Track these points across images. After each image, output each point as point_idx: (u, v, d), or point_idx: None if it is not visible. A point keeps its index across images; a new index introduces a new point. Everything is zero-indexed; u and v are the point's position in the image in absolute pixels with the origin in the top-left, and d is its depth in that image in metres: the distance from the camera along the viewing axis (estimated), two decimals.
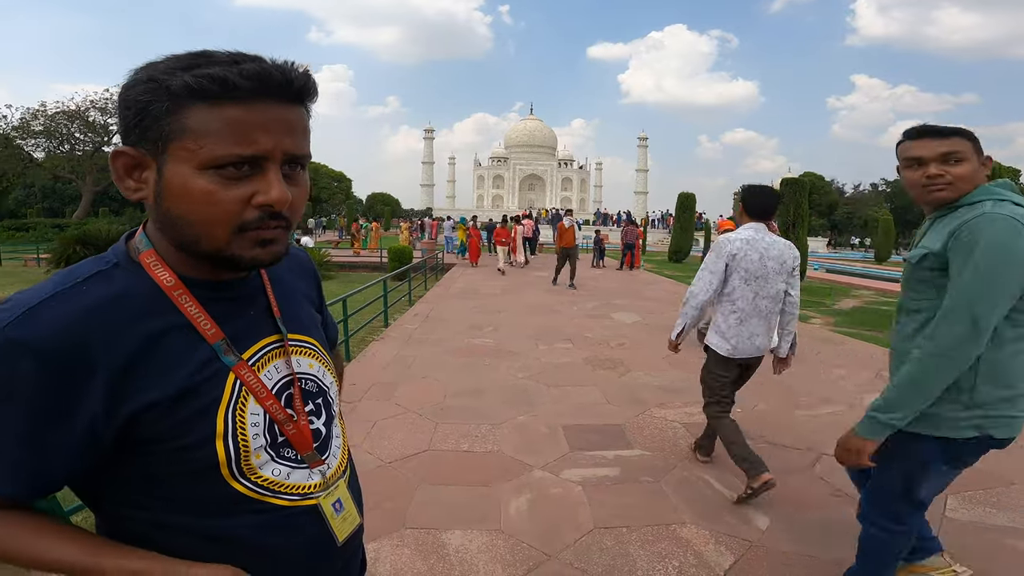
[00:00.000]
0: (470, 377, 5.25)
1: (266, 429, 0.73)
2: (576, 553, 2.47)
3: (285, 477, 0.75)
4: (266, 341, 0.77)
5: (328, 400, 0.84)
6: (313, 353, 0.84)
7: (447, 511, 2.81)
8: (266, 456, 0.73)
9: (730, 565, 2.41)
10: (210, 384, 0.69)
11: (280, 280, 0.83)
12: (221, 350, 0.70)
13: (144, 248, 0.70)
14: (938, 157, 1.63)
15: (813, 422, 4.22)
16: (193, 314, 0.69)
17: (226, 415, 0.69)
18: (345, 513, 0.82)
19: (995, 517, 2.84)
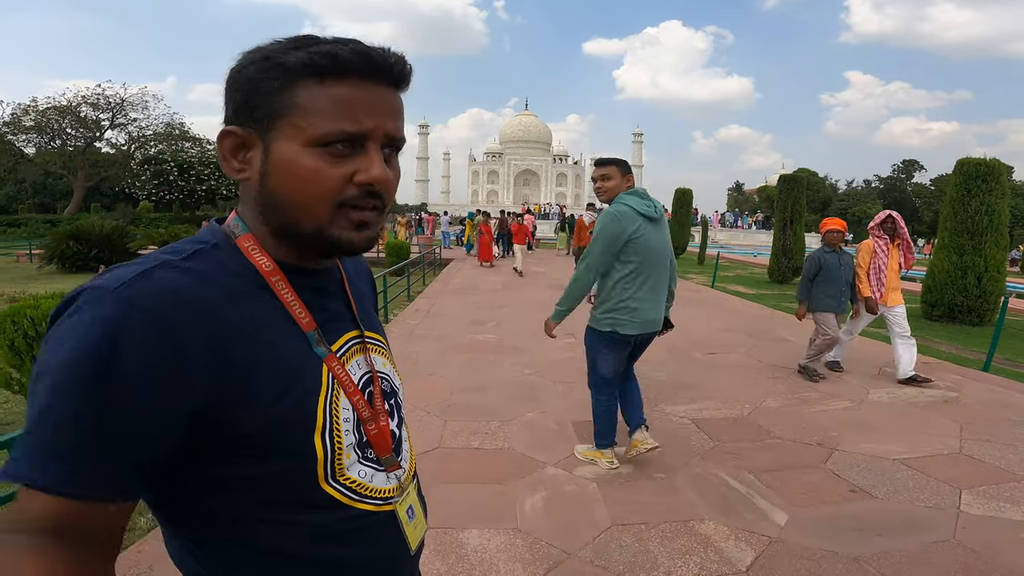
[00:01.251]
0: (475, 373, 5.21)
1: (355, 426, 0.71)
2: (596, 551, 2.44)
3: (369, 479, 0.72)
4: (348, 336, 0.75)
5: (399, 402, 0.82)
6: (385, 352, 0.83)
7: (463, 510, 2.77)
8: (354, 456, 0.70)
9: (752, 561, 2.38)
10: (308, 374, 0.66)
11: (350, 278, 0.82)
12: (313, 340, 0.68)
13: (241, 232, 0.68)
14: (599, 176, 3.13)
15: (823, 417, 4.20)
16: (289, 301, 0.67)
17: (325, 407, 0.67)
18: (416, 521, 0.80)
19: (1009, 511, 2.83)
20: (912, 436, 3.84)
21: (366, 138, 0.63)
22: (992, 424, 4.08)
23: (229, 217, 0.71)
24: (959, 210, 8.49)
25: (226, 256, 0.66)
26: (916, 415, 4.28)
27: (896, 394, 4.82)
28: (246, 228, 0.68)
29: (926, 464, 3.36)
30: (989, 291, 8.30)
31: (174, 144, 34.97)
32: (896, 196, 66.40)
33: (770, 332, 7.51)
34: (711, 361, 5.84)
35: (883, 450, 3.55)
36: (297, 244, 0.67)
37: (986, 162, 8.48)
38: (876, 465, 3.33)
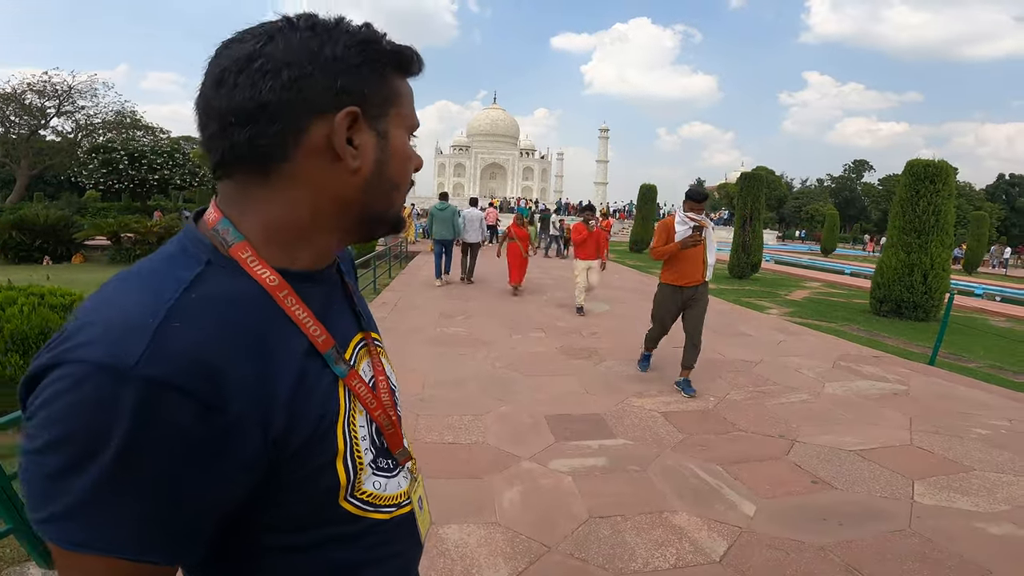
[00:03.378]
0: (447, 367, 5.21)
1: (371, 441, 0.68)
2: (575, 543, 2.49)
3: (382, 489, 0.70)
4: (355, 341, 0.71)
5: (396, 399, 0.79)
6: (384, 351, 0.79)
7: (440, 504, 2.78)
8: (369, 470, 0.67)
9: (724, 551, 2.47)
10: (328, 399, 0.61)
11: (346, 271, 0.77)
12: (332, 359, 0.62)
13: (234, 240, 0.58)
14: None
15: (783, 410, 4.37)
16: (302, 319, 0.60)
17: (344, 430, 0.62)
18: (424, 512, 0.80)
19: (959, 502, 3.01)
20: (866, 428, 4.04)
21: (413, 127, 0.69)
22: (939, 416, 4.33)
23: (210, 217, 0.60)
24: (907, 210, 8.90)
25: (227, 277, 0.57)
26: (869, 407, 4.50)
27: (849, 387, 5.06)
28: (239, 235, 0.59)
29: (880, 455, 3.54)
30: (935, 288, 8.75)
31: (125, 132, 33.48)
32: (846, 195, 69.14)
33: (731, 326, 7.75)
34: (677, 356, 5.98)
35: (840, 442, 3.73)
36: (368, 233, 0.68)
37: (934, 164, 8.90)
38: (834, 457, 3.50)
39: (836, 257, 30.72)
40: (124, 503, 0.48)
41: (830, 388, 5.01)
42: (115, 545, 0.48)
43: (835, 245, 32.28)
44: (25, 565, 2.25)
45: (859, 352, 6.53)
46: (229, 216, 0.59)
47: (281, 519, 0.60)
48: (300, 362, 0.59)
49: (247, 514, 0.58)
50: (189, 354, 0.49)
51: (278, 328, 0.58)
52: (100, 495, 0.47)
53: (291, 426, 0.56)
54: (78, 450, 0.47)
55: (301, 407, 0.57)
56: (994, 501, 3.01)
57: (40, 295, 3.65)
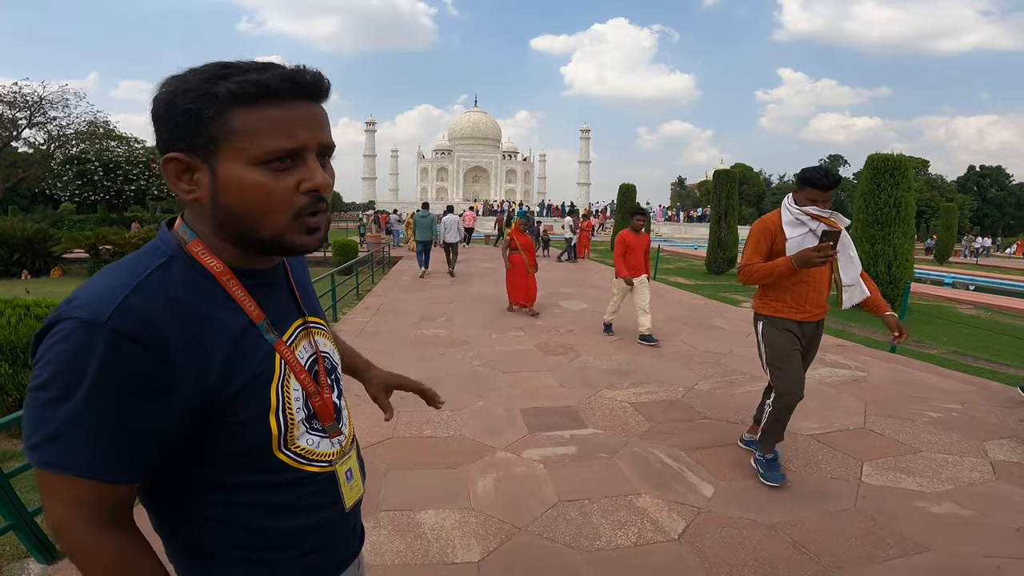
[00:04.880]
0: (426, 366, 5.36)
1: (304, 403, 0.83)
2: (543, 525, 2.67)
3: (315, 446, 0.85)
4: (295, 324, 0.86)
5: (338, 376, 0.96)
6: (325, 332, 0.94)
7: (418, 493, 2.94)
8: (303, 428, 0.83)
9: (683, 529, 2.66)
10: (263, 362, 0.77)
11: (293, 270, 0.92)
12: (264, 329, 0.78)
13: (190, 239, 0.76)
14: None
15: (748, 398, 4.58)
16: (240, 297, 0.77)
17: (277, 390, 0.78)
18: (353, 483, 0.92)
19: (904, 482, 3.20)
20: (823, 413, 4.27)
21: (304, 150, 0.73)
22: (893, 401, 4.58)
23: (177, 223, 0.78)
24: (870, 202, 9.22)
25: (183, 265, 0.74)
26: (828, 393, 4.74)
27: (812, 375, 5.25)
28: (194, 234, 0.76)
29: (833, 439, 3.77)
30: (899, 278, 9.07)
31: (98, 143, 33.01)
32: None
33: (704, 320, 7.99)
34: (652, 350, 6.20)
35: (798, 427, 3.94)
36: (255, 248, 0.77)
37: (893, 158, 9.24)
38: (791, 440, 3.71)
39: None
40: (89, 428, 0.65)
41: None
42: (75, 466, 0.66)
43: None
44: (25, 561, 2.37)
45: (823, 341, 6.74)
46: (188, 222, 0.77)
47: (223, 458, 0.76)
48: (240, 332, 0.75)
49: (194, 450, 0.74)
50: (145, 316, 0.66)
51: (220, 304, 0.75)
52: (74, 420, 0.65)
53: (226, 379, 0.72)
54: (63, 383, 0.64)
55: (237, 366, 0.74)
56: (938, 481, 3.19)
57: (26, 307, 3.76)
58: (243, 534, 0.80)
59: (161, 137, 0.72)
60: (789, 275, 2.95)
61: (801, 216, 2.96)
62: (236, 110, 0.69)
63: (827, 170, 2.95)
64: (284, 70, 0.71)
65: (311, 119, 0.73)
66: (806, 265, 2.81)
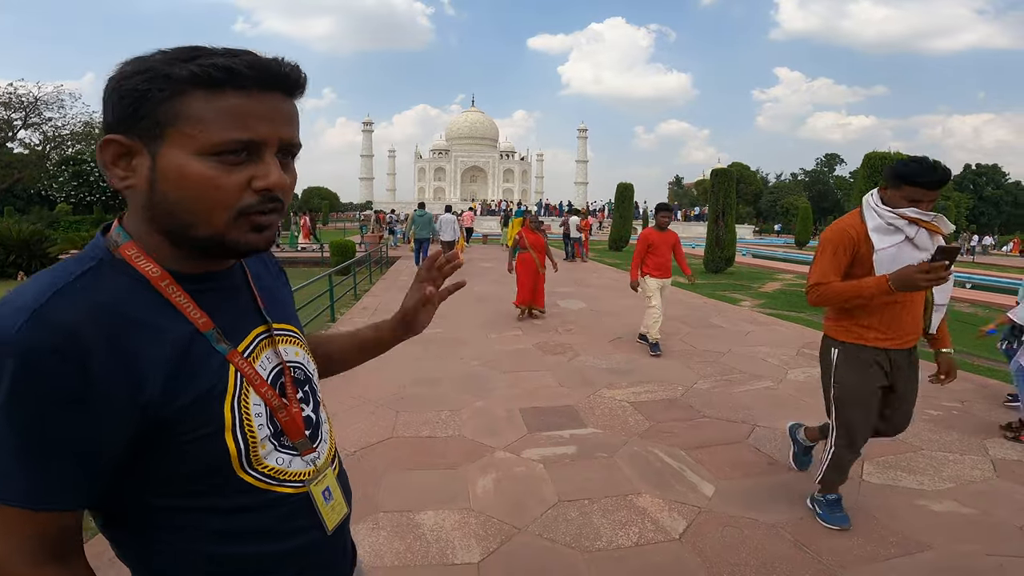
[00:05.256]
0: (425, 366, 5.34)
1: (268, 419, 0.75)
2: (544, 525, 2.65)
3: (287, 465, 0.77)
4: (256, 332, 0.78)
5: (313, 387, 0.86)
6: (296, 341, 0.85)
7: (417, 493, 2.92)
8: (271, 446, 0.74)
9: (684, 529, 2.65)
10: (212, 374, 0.69)
11: (258, 274, 0.85)
12: (213, 339, 0.70)
13: (123, 240, 0.68)
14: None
15: (746, 397, 4.57)
16: (182, 304, 0.68)
17: (232, 405, 0.70)
18: (334, 503, 0.84)
19: (905, 480, 3.19)
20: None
21: (262, 145, 0.66)
22: None
23: (113, 226, 0.71)
24: None
25: (112, 271, 0.66)
26: None
27: (811, 373, 5.28)
28: (128, 236, 0.68)
29: None
30: None
31: (94, 144, 32.83)
32: (820, 188, 70.42)
33: (704, 319, 7.98)
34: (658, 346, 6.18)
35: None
36: (192, 248, 0.69)
37: (890, 156, 9.26)
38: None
39: (810, 249, 31.36)
40: (11, 452, 0.59)
41: (792, 375, 5.24)
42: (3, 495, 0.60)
43: (808, 238, 32.94)
44: None
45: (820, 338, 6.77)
46: (125, 223, 0.70)
47: (181, 480, 0.69)
48: (185, 341, 0.68)
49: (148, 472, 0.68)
50: (63, 326, 0.59)
51: (158, 311, 0.67)
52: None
53: (170, 393, 0.65)
54: None
55: (183, 379, 0.66)
56: (939, 479, 3.18)
57: None
58: (213, 562, 0.73)
59: (106, 119, 0.66)
60: (880, 297, 2.31)
61: (896, 220, 2.30)
62: (192, 93, 0.63)
63: (935, 163, 2.27)
64: (255, 57, 0.66)
65: (276, 113, 0.67)
66: (908, 288, 2.17)
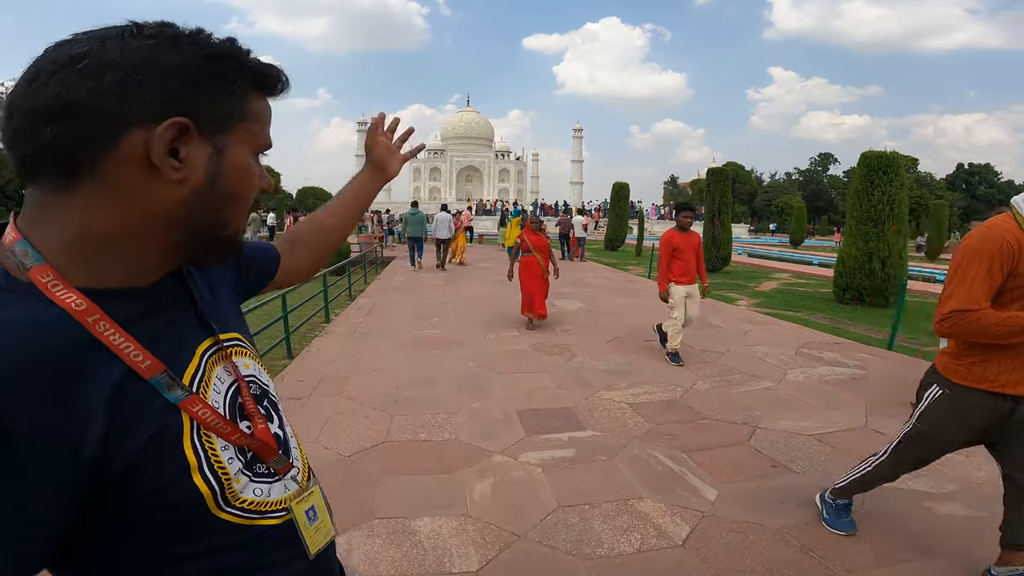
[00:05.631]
0: (421, 368, 5.26)
1: (237, 450, 0.66)
2: (543, 531, 2.58)
3: (266, 495, 0.69)
4: (202, 348, 0.67)
5: (273, 400, 0.77)
6: (246, 351, 0.76)
7: (413, 499, 2.85)
8: (244, 479, 0.66)
9: (687, 535, 2.59)
10: (165, 417, 0.59)
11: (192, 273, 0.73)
12: (163, 385, 0.58)
13: (33, 263, 0.53)
14: None
15: (746, 397, 4.52)
16: (117, 344, 0.55)
17: (193, 444, 0.60)
18: (319, 523, 0.76)
19: (913, 483, 3.11)
20: (824, 413, 4.21)
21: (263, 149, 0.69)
22: (895, 400, 4.53)
23: (7, 238, 0.55)
24: (863, 200, 9.22)
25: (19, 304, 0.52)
26: (828, 392, 4.69)
27: (811, 373, 5.25)
28: (39, 257, 0.54)
29: (837, 439, 3.70)
30: (893, 275, 9.07)
31: None
32: (814, 188, 70.71)
33: (702, 319, 7.90)
34: (649, 348, 6.13)
35: (799, 427, 3.89)
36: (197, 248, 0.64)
37: (886, 155, 9.24)
38: (793, 441, 3.65)
39: (805, 248, 31.44)
40: None
41: (792, 375, 5.19)
42: None
43: (803, 237, 33.04)
44: None
45: (821, 339, 6.75)
46: (30, 235, 0.55)
47: (151, 531, 0.59)
48: (121, 386, 0.55)
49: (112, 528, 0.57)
50: None
51: (88, 354, 0.54)
52: None
53: (112, 447, 0.53)
54: None
55: (124, 429, 0.54)
56: (945, 481, 3.14)
57: None
58: None
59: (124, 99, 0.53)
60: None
61: None
62: (254, 93, 0.65)
63: None
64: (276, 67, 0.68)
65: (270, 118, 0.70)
66: None
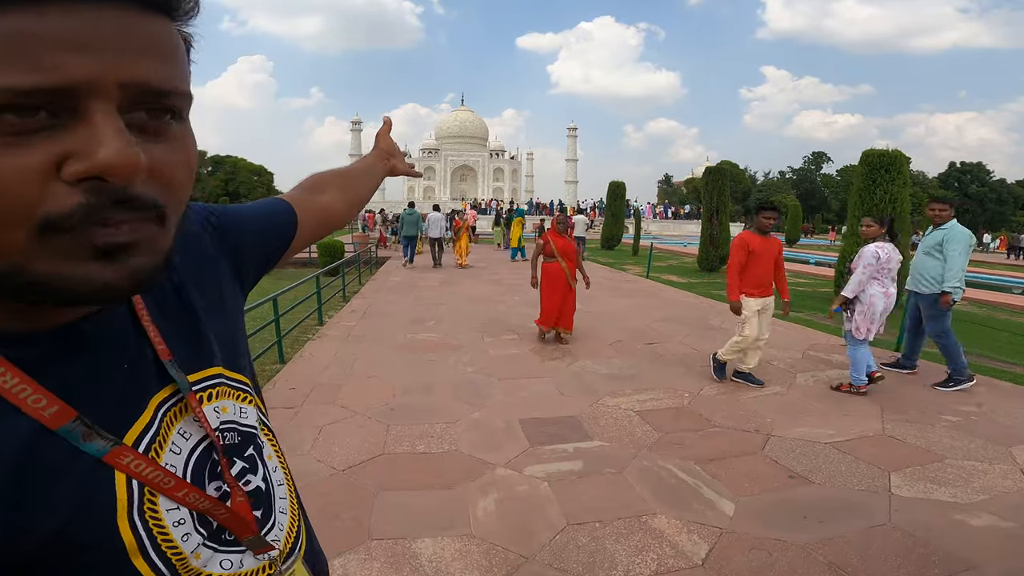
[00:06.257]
0: (417, 374, 5.08)
1: (197, 521, 0.53)
2: (553, 553, 2.41)
3: (239, 567, 0.56)
4: (157, 400, 0.52)
5: (258, 443, 0.63)
6: (226, 390, 0.60)
7: (413, 518, 2.67)
8: (208, 552, 0.53)
9: (706, 554, 2.42)
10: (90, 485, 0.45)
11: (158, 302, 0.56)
12: (76, 436, 0.44)
13: None
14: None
15: (756, 403, 4.37)
16: (11, 389, 0.42)
17: (133, 521, 0.47)
18: None
19: (937, 493, 2.98)
20: (838, 419, 4.05)
21: (83, 94, 0.36)
22: (910, 404, 4.38)
23: None
24: (865, 199, 9.07)
25: None
26: (840, 397, 4.53)
27: (820, 377, 5.10)
28: None
29: (854, 447, 3.55)
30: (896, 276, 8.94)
31: None
32: (807, 186, 70.87)
33: (703, 320, 7.79)
34: (651, 351, 5.98)
35: (814, 434, 3.73)
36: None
37: (889, 153, 9.10)
38: (809, 449, 3.49)
39: (800, 247, 31.42)
40: None
41: (801, 379, 5.04)
42: None
43: (799, 236, 33.03)
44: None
45: (827, 341, 6.61)
46: None
47: None
48: (25, 445, 0.42)
49: None
50: None
51: None
52: None
53: (17, 526, 0.40)
54: None
55: (31, 501, 0.42)
56: (971, 491, 3.00)
57: None
58: None
59: None
60: None
61: None
62: None
63: None
64: None
65: (115, 35, 0.37)
66: None
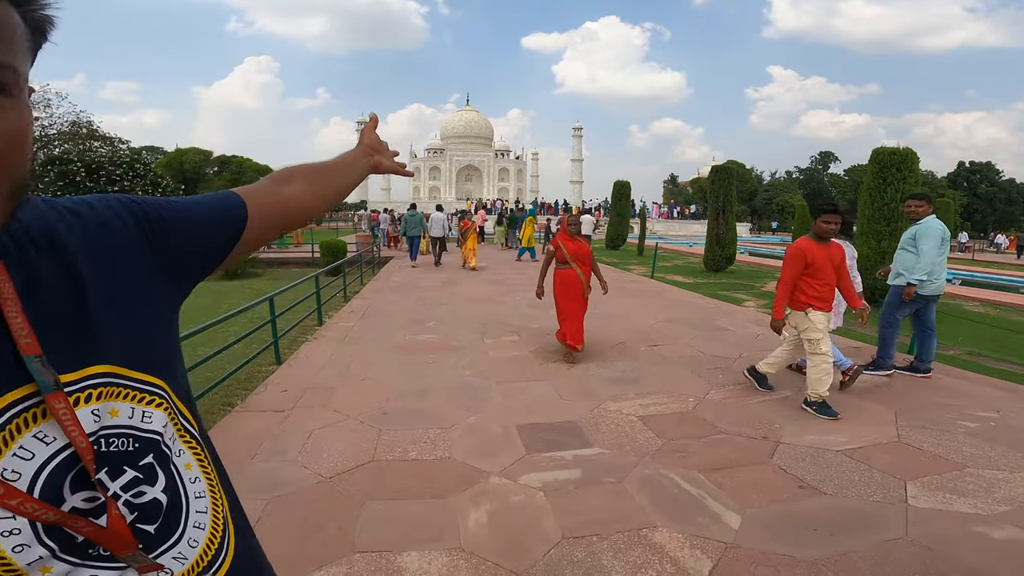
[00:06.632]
0: (414, 376, 4.94)
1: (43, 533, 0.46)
2: (546, 569, 2.26)
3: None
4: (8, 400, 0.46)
5: (162, 452, 0.54)
6: (118, 391, 0.52)
7: (400, 529, 2.52)
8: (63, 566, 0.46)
9: (709, 570, 2.26)
10: None
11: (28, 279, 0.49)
12: None
13: None
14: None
15: (764, 408, 4.20)
16: None
17: None
18: None
19: (956, 503, 2.82)
20: (850, 425, 3.88)
21: None
22: (924, 409, 4.20)
23: None
24: (876, 198, 8.87)
25: None
26: (851, 402, 4.36)
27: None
28: None
29: (868, 455, 3.37)
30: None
31: (81, 143, 32.43)
32: (814, 186, 70.28)
33: (709, 321, 7.61)
34: (655, 353, 5.81)
35: (825, 441, 3.56)
36: None
37: (899, 151, 8.89)
38: (820, 458, 3.32)
39: None
40: None
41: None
42: None
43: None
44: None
45: (837, 342, 6.41)
46: None
47: None
48: None
49: None
50: None
51: None
52: None
53: None
54: None
55: None
56: (992, 502, 2.83)
57: None
58: None
59: None
60: None
61: None
62: None
63: None
64: None
65: None
66: None
